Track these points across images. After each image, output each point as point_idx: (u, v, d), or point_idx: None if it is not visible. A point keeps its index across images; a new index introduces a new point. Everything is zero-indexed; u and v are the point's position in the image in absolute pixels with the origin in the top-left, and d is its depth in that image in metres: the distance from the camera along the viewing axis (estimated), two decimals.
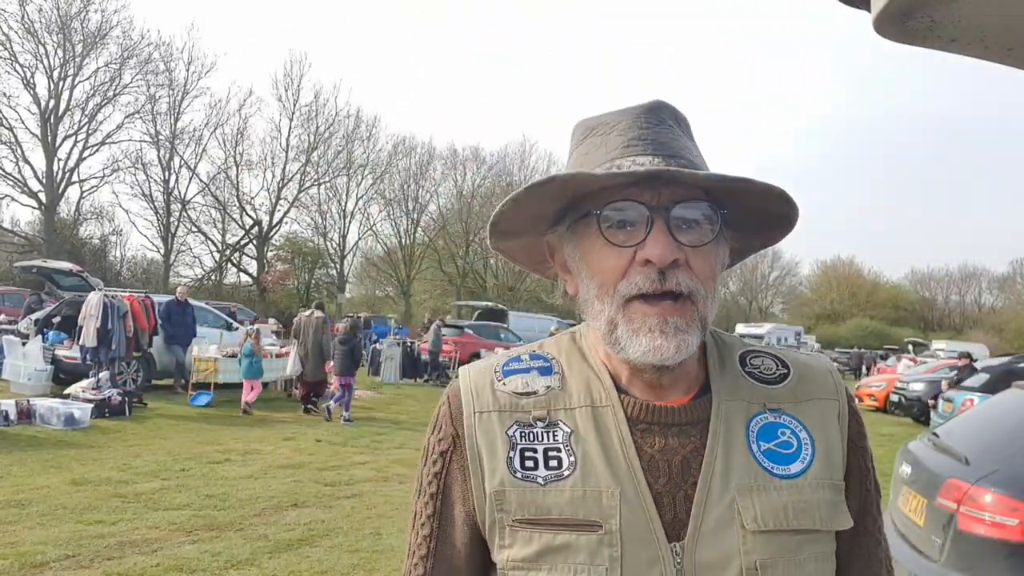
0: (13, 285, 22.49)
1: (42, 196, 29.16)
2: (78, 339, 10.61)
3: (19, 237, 30.92)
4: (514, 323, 22.90)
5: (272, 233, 35.28)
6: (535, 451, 0.81)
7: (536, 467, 0.80)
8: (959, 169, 74.58)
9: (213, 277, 33.95)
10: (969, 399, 9.94)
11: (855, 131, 76.63)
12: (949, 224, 72.05)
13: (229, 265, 34.85)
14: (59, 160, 29.51)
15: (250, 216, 34.61)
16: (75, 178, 30.40)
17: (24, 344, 10.88)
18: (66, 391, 9.70)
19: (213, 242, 34.16)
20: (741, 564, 0.76)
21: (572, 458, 0.79)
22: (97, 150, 30.60)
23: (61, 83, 29.09)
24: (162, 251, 32.85)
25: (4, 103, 27.76)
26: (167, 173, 32.12)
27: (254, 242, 34.69)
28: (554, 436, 0.81)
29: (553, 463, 0.80)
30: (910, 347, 34.13)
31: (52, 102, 28.98)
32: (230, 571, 4.27)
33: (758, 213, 0.83)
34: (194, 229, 33.62)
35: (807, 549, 0.78)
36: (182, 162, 32.40)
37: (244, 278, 35.36)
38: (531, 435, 0.81)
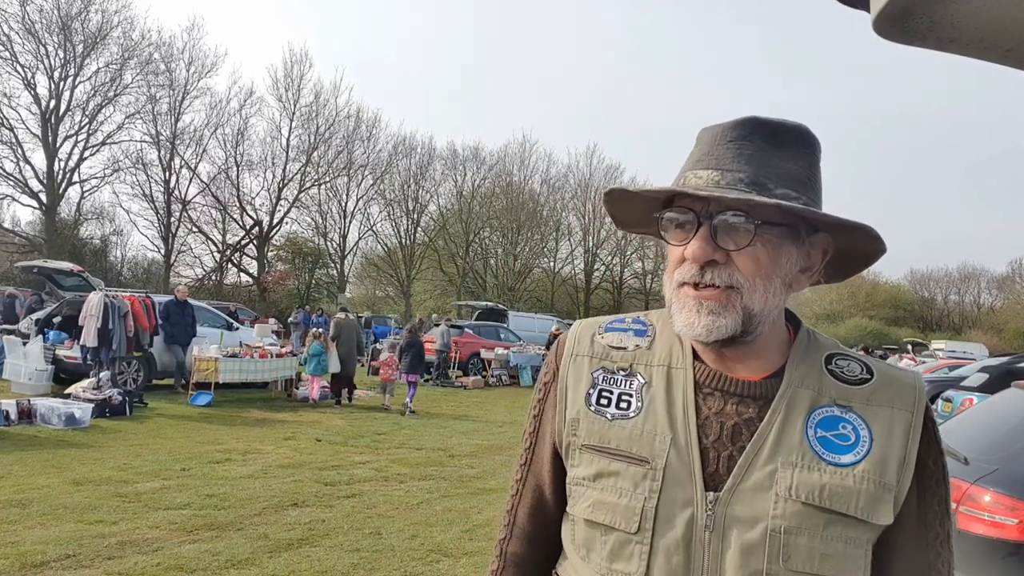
0: (14, 285, 22.51)
1: (43, 196, 29.17)
2: (79, 339, 10.62)
3: (20, 237, 30.94)
4: (514, 323, 22.87)
5: (272, 233, 35.30)
6: (611, 393, 0.97)
7: (608, 405, 0.96)
8: (958, 169, 74.53)
9: (214, 277, 33.95)
10: (968, 399, 9.94)
11: (853, 131, 76.59)
12: (948, 224, 72.00)
13: (229, 265, 34.86)
14: (60, 160, 29.55)
15: (250, 216, 34.66)
16: (76, 178, 30.44)
17: (25, 344, 10.89)
18: (67, 391, 9.70)
19: (213, 242, 34.20)
20: (768, 526, 0.85)
21: (640, 404, 0.95)
22: (98, 150, 30.65)
23: (62, 83, 29.12)
24: (163, 251, 32.86)
25: (5, 103, 27.81)
26: (168, 173, 32.14)
27: (254, 242, 34.70)
28: (630, 384, 0.97)
29: (623, 405, 0.95)
30: (909, 347, 34.10)
31: (53, 102, 29.00)
32: (230, 570, 4.28)
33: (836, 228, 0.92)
34: (195, 229, 33.65)
35: (836, 530, 0.86)
36: (183, 162, 32.46)
37: (244, 278, 35.37)
38: (612, 380, 0.98)
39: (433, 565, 4.56)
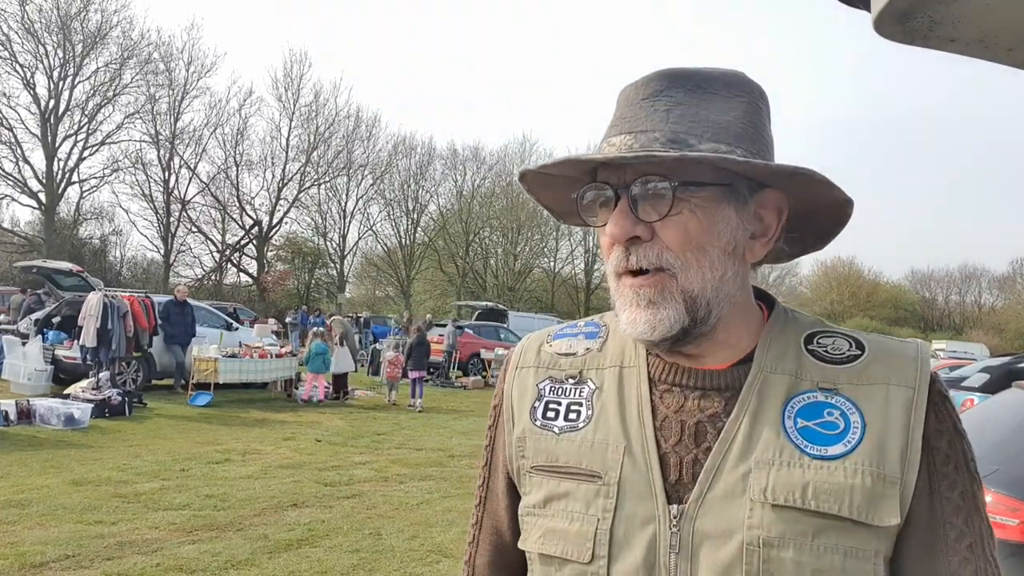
0: (14, 285, 22.52)
1: (42, 196, 29.18)
2: (78, 339, 10.61)
3: (19, 237, 30.97)
4: (514, 323, 22.85)
5: (272, 233, 35.32)
6: (559, 404, 0.84)
7: (556, 418, 0.83)
8: (959, 169, 74.61)
9: (213, 277, 33.97)
10: (969, 399, 9.94)
11: (853, 131, 76.66)
12: (949, 224, 72.02)
13: (229, 265, 34.88)
14: (59, 160, 29.56)
15: (250, 216, 34.67)
16: (75, 178, 30.47)
17: (24, 344, 10.88)
18: (66, 391, 9.70)
19: (213, 242, 34.21)
20: (743, 538, 0.71)
21: (590, 412, 0.82)
22: (97, 150, 30.68)
23: (61, 83, 29.13)
24: (162, 251, 32.87)
25: (4, 103, 27.84)
26: (167, 173, 32.17)
27: (254, 242, 34.71)
28: (580, 392, 0.84)
29: (572, 416, 0.83)
30: None
31: (52, 102, 29.02)
32: (230, 571, 4.27)
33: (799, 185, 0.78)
34: (194, 229, 33.66)
35: (829, 538, 0.71)
36: (182, 162, 32.47)
37: (244, 278, 35.40)
38: (560, 390, 0.85)
39: (433, 566, 4.56)
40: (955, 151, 72.61)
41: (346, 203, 37.37)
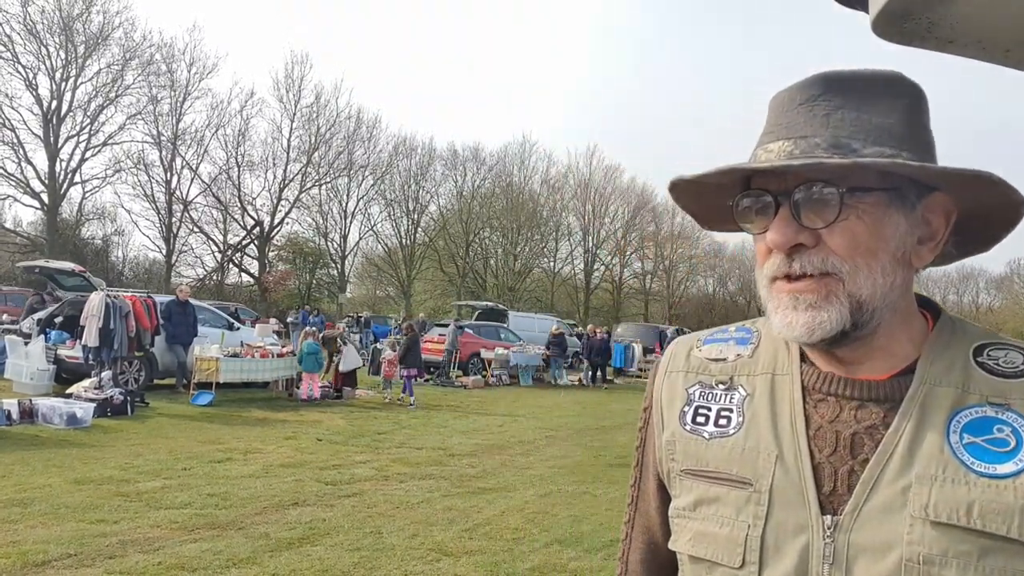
0: (16, 285, 22.55)
1: (44, 197, 29.25)
2: (80, 339, 10.63)
3: (22, 237, 31.06)
4: (514, 323, 22.87)
5: (273, 233, 35.37)
6: (709, 409, 0.85)
7: (706, 423, 0.84)
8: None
9: (215, 277, 34.02)
10: None
11: None
12: None
13: (231, 265, 34.93)
14: (61, 161, 29.63)
15: (251, 216, 34.72)
16: (77, 179, 30.56)
17: (27, 344, 10.90)
18: (68, 391, 9.72)
19: (215, 242, 34.28)
20: (903, 554, 0.69)
21: (741, 418, 0.82)
22: (99, 151, 30.78)
23: (63, 84, 29.20)
24: (164, 251, 32.94)
25: (6, 104, 27.91)
26: (169, 174, 32.24)
27: (255, 242, 34.76)
28: (731, 399, 0.84)
29: (723, 422, 0.83)
30: None
31: (54, 103, 29.08)
32: (231, 570, 4.28)
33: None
34: (196, 229, 33.74)
35: (997, 560, 0.67)
36: (184, 163, 32.54)
37: (246, 278, 35.46)
38: (710, 395, 0.86)
39: (433, 564, 4.56)
40: (952, 152, 72.43)
41: (347, 203, 37.47)
